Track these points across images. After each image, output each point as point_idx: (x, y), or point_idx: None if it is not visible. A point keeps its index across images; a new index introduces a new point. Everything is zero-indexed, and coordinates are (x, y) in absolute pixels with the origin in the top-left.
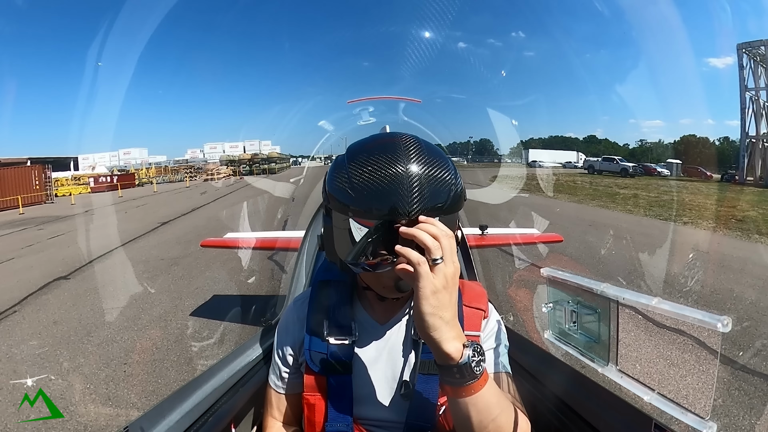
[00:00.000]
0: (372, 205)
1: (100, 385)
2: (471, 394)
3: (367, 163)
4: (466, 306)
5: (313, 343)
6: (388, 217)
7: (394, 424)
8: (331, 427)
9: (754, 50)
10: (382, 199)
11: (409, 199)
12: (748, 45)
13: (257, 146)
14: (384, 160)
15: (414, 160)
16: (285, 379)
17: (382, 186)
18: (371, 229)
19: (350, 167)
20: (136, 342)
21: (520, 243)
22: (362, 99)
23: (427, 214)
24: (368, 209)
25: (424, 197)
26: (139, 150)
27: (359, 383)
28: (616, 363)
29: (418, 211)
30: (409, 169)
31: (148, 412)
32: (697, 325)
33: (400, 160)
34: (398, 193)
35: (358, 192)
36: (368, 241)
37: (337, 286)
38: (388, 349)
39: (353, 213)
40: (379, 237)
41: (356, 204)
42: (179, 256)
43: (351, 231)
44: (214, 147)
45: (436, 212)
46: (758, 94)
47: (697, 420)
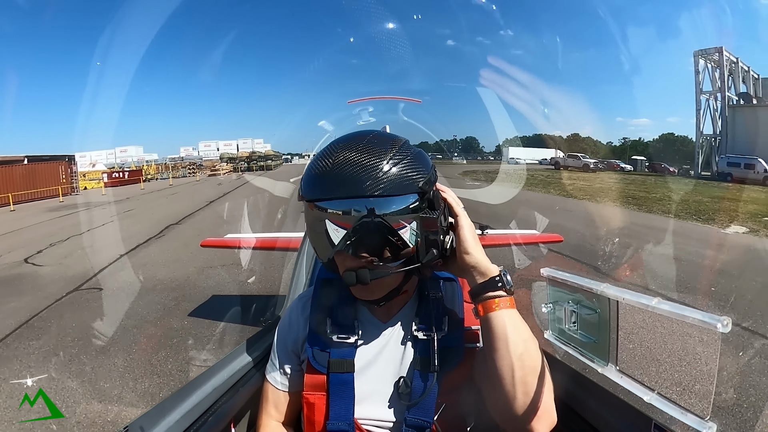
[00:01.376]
0: (318, 186)
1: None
2: (508, 307)
3: (325, 154)
4: (467, 302)
5: (316, 342)
6: (338, 196)
7: (394, 424)
8: (333, 426)
9: (710, 56)
10: (330, 182)
11: (350, 173)
12: (704, 51)
13: (250, 144)
14: (338, 148)
15: (365, 146)
16: (285, 377)
17: (329, 170)
18: (349, 231)
19: (313, 160)
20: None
21: (520, 243)
22: (362, 99)
23: (371, 192)
24: (315, 191)
25: (366, 174)
26: (135, 148)
27: (360, 382)
28: (615, 363)
29: (370, 186)
30: (351, 154)
31: (148, 411)
32: (697, 325)
33: (352, 146)
34: (337, 176)
35: (310, 177)
36: (347, 243)
37: (339, 285)
38: (389, 348)
39: (306, 198)
40: (359, 238)
41: (306, 189)
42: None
43: (327, 231)
44: (208, 145)
45: (376, 191)
46: (718, 95)
47: (697, 420)
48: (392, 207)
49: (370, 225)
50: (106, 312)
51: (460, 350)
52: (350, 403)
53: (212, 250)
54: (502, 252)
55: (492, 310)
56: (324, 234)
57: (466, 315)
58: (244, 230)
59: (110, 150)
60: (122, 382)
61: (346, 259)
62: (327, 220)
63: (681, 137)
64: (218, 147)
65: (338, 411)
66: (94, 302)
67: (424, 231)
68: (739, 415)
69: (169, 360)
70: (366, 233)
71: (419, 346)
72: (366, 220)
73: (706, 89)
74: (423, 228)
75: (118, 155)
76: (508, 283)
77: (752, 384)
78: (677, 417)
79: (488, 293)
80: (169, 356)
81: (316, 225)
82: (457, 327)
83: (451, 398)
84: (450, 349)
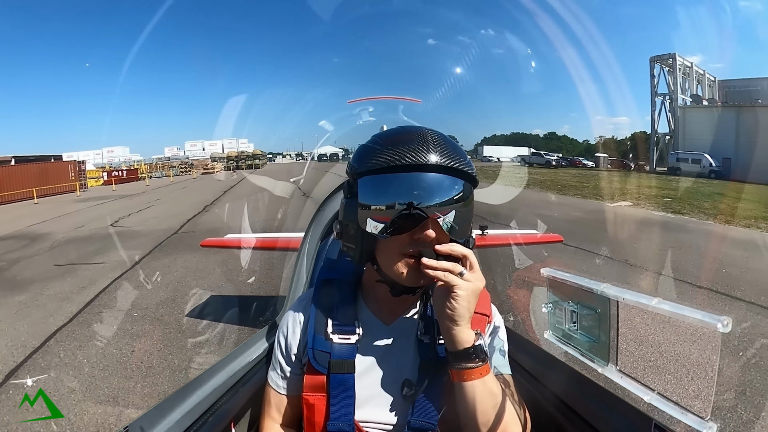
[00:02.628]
0: (403, 153)
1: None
2: (480, 377)
3: (395, 136)
4: None
5: (317, 342)
6: (417, 160)
7: (395, 425)
8: (333, 427)
9: (664, 61)
10: (411, 148)
11: (435, 150)
12: (659, 57)
13: (235, 144)
14: (408, 131)
15: (434, 132)
16: (286, 379)
17: (410, 140)
18: (389, 204)
19: (379, 142)
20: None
21: (520, 243)
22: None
23: (451, 171)
24: (401, 157)
25: (448, 153)
26: (122, 148)
27: (362, 384)
28: (616, 363)
29: (445, 160)
30: (431, 133)
31: (148, 412)
32: (697, 325)
33: (423, 130)
34: (424, 145)
35: (390, 147)
36: (399, 214)
37: (340, 285)
38: (392, 350)
39: (389, 163)
40: (408, 213)
41: (390, 155)
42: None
43: (382, 186)
44: (194, 145)
45: (458, 172)
46: (671, 96)
47: (697, 420)
48: (456, 197)
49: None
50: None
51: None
52: (351, 404)
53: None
54: (502, 252)
55: (463, 379)
56: (398, 218)
57: (472, 325)
58: (245, 230)
59: (97, 150)
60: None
61: (406, 244)
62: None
63: (661, 134)
64: (204, 147)
65: (338, 412)
66: (193, 239)
67: (465, 218)
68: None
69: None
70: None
71: (422, 349)
72: (438, 207)
73: (662, 91)
74: (464, 215)
75: (105, 155)
76: (482, 352)
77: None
78: (677, 417)
79: (462, 363)
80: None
81: (377, 211)
82: None
83: (452, 402)
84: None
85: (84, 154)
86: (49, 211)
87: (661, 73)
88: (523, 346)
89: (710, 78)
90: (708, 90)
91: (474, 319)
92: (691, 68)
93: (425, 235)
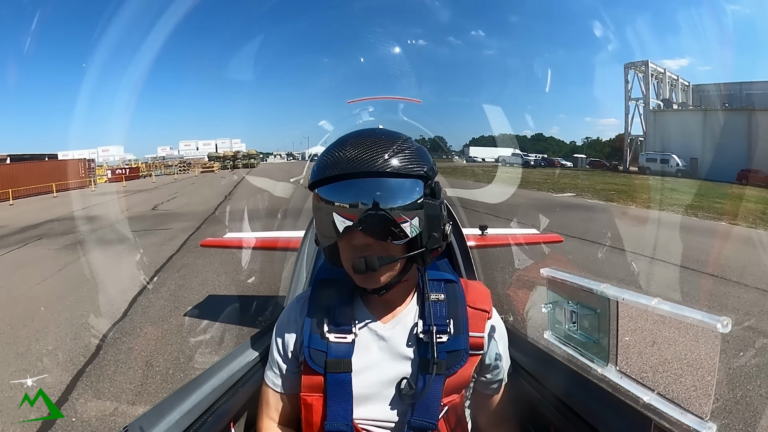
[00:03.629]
0: (336, 162)
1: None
2: None
3: (332, 146)
4: (470, 307)
5: (313, 341)
6: (339, 171)
7: (395, 425)
8: (331, 427)
9: (638, 68)
10: (340, 160)
11: (361, 155)
12: (633, 64)
13: (228, 144)
14: (345, 139)
15: (372, 136)
16: (283, 379)
17: (340, 151)
18: (355, 222)
19: (323, 152)
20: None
21: (520, 243)
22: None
23: (379, 171)
24: (326, 169)
25: (376, 154)
26: (116, 147)
27: (360, 383)
28: (615, 363)
29: (375, 164)
30: (359, 140)
31: (148, 412)
32: (697, 325)
33: (359, 136)
34: (355, 150)
35: (319, 164)
36: (325, 217)
37: (338, 285)
38: (390, 349)
39: (318, 185)
40: (331, 213)
41: (318, 172)
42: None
43: (334, 222)
44: (188, 144)
45: (384, 171)
46: (644, 101)
47: (697, 420)
48: (398, 201)
49: (375, 217)
50: (239, 215)
51: (464, 353)
52: (348, 404)
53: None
54: (502, 252)
55: None
56: (331, 224)
57: (471, 320)
58: (245, 228)
59: (92, 149)
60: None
61: (350, 248)
62: (334, 213)
63: (635, 136)
64: (198, 146)
65: (336, 411)
66: (227, 219)
67: (428, 218)
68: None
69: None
70: (371, 224)
71: (422, 348)
72: (371, 213)
73: (635, 96)
74: (426, 216)
75: (100, 154)
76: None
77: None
78: (677, 417)
79: None
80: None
81: (323, 215)
82: (461, 331)
83: (453, 400)
84: (454, 352)
85: (79, 153)
86: (78, 203)
87: (635, 79)
88: (523, 346)
89: (684, 83)
90: (682, 94)
91: (473, 314)
92: (664, 74)
93: (358, 242)
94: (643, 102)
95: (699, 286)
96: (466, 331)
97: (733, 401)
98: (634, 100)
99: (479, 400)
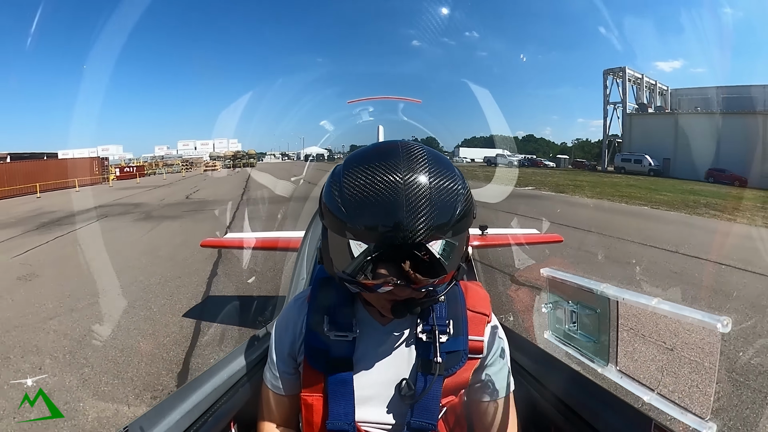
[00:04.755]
0: (366, 223)
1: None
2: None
3: (363, 174)
4: (470, 310)
5: (313, 339)
6: (385, 240)
7: (394, 425)
8: (333, 426)
9: (616, 74)
10: (378, 218)
11: (411, 218)
12: (611, 70)
13: (226, 144)
14: (381, 170)
15: (416, 169)
16: (283, 379)
17: (378, 201)
18: (371, 247)
19: (344, 179)
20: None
21: (520, 243)
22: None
23: (433, 235)
24: (362, 230)
25: (429, 215)
26: (116, 146)
27: (360, 384)
28: (615, 363)
29: (423, 233)
30: (409, 179)
31: (148, 412)
32: (697, 325)
33: (400, 169)
34: (396, 211)
35: (350, 208)
36: (367, 259)
37: (338, 284)
38: (389, 350)
39: (349, 232)
40: (380, 256)
41: (350, 222)
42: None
43: (349, 246)
44: (186, 144)
45: (442, 233)
46: (624, 105)
47: (697, 420)
48: (450, 256)
49: (422, 267)
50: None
51: (463, 354)
52: (350, 403)
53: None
54: (502, 251)
55: None
56: (368, 272)
57: (470, 324)
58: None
59: (92, 148)
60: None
61: (386, 294)
62: (373, 260)
63: (613, 138)
64: (195, 146)
65: (338, 410)
66: (252, 204)
67: (461, 248)
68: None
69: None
70: (417, 278)
71: (422, 349)
72: (419, 264)
73: (614, 100)
74: (461, 246)
75: (100, 153)
76: None
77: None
78: (677, 417)
79: None
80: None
81: (353, 257)
82: (460, 332)
83: (451, 401)
84: (453, 353)
85: (79, 152)
86: (106, 195)
87: (613, 84)
88: (523, 346)
89: (662, 87)
90: (660, 98)
91: (473, 317)
92: (642, 79)
93: (399, 292)
94: (621, 106)
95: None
96: (465, 333)
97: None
98: (613, 104)
99: (479, 407)
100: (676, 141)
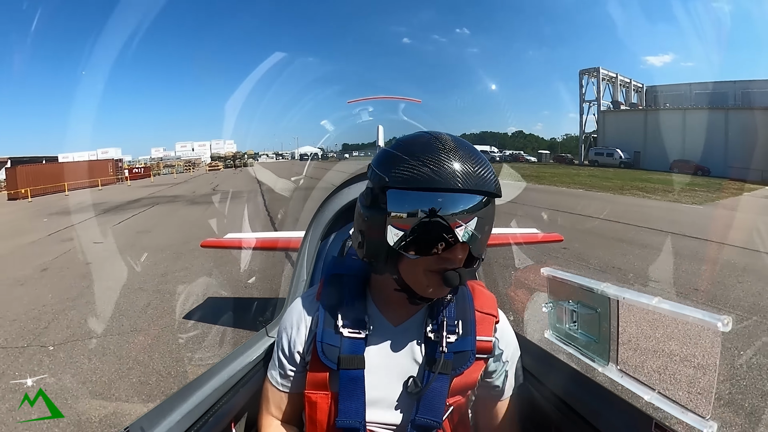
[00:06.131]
0: (455, 175)
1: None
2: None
3: (425, 149)
4: (478, 311)
5: (326, 336)
6: (467, 184)
7: (400, 422)
8: (343, 423)
9: (591, 73)
10: (446, 169)
11: (479, 169)
12: (586, 70)
13: (222, 145)
14: (434, 142)
15: (459, 141)
16: (289, 377)
17: (443, 158)
18: (420, 222)
19: (408, 153)
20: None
21: (520, 243)
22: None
23: (495, 187)
24: (454, 181)
25: (482, 174)
26: (115, 149)
27: (369, 383)
28: (616, 362)
29: (492, 183)
30: (460, 146)
31: (149, 412)
32: (697, 324)
33: (447, 141)
34: (464, 161)
35: (423, 163)
36: (422, 228)
37: (349, 282)
38: (399, 349)
39: (425, 182)
40: (434, 226)
41: (443, 178)
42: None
43: (416, 213)
44: (184, 145)
45: (498, 191)
46: (598, 103)
47: (698, 419)
48: (478, 206)
49: (478, 230)
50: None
51: (470, 354)
52: (361, 400)
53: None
54: (502, 251)
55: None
56: (429, 234)
57: (479, 324)
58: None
59: (92, 151)
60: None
61: (439, 260)
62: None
63: (588, 133)
64: (193, 147)
65: (348, 408)
66: (269, 193)
67: (486, 230)
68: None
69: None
70: (474, 238)
71: (430, 348)
72: (476, 226)
73: (589, 98)
74: (486, 227)
75: (99, 156)
76: None
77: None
78: (678, 416)
79: None
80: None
81: (412, 224)
82: (468, 333)
83: (458, 401)
84: (461, 353)
85: (79, 155)
86: (135, 192)
87: (589, 83)
88: (523, 346)
89: (637, 85)
90: (635, 95)
91: (482, 318)
92: (616, 78)
93: (454, 256)
94: (596, 103)
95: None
96: (473, 333)
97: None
98: (588, 101)
99: (484, 406)
100: (646, 135)
